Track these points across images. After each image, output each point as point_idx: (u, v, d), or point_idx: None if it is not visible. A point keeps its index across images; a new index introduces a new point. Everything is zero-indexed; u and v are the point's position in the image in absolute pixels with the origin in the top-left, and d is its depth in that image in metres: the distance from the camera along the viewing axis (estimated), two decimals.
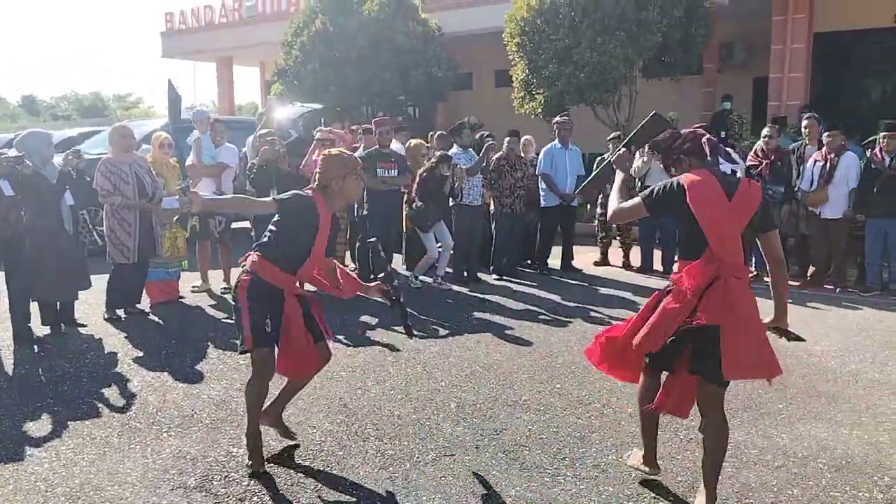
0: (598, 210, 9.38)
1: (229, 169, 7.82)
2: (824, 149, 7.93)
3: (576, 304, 7.28)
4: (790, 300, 7.54)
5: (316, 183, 3.87)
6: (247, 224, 8.48)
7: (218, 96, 23.01)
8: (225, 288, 7.77)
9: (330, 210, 3.82)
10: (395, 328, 6.47)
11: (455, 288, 8.07)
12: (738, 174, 8.51)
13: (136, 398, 4.78)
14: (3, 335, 6.02)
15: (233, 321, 6.74)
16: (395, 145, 8.24)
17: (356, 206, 8.00)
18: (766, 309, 3.36)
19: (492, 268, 8.78)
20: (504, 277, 8.60)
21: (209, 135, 7.80)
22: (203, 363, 5.51)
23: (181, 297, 7.44)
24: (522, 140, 9.47)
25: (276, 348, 3.82)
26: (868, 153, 7.93)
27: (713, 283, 3.16)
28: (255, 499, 3.51)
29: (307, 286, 4.04)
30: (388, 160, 7.77)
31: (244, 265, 3.80)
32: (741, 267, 3.24)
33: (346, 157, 3.95)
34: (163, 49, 21.73)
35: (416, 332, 6.30)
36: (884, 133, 7.59)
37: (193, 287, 7.74)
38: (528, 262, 9.33)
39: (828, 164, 7.84)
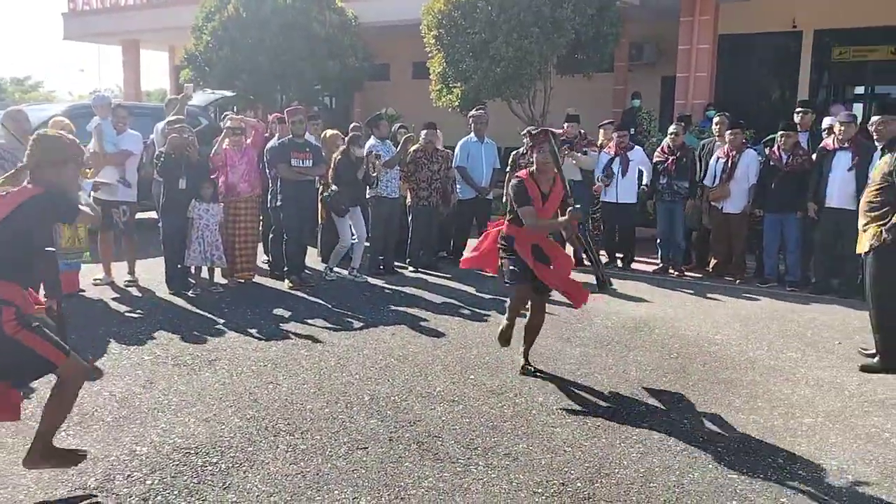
0: None
1: (133, 156, 7.51)
2: (726, 146, 8.26)
3: (491, 296, 7.35)
4: (691, 291, 7.80)
5: (24, 165, 3.35)
6: (153, 214, 8.17)
7: (124, 81, 22.07)
8: (129, 281, 7.48)
9: None
10: (309, 321, 6.39)
11: (371, 280, 8.03)
12: (644, 171, 8.87)
13: (32, 395, 4.53)
14: None
15: (138, 315, 6.52)
16: (308, 136, 8.12)
17: (269, 196, 7.84)
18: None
19: (408, 260, 8.77)
20: (420, 270, 8.60)
21: (111, 121, 7.47)
22: (104, 359, 5.28)
23: (82, 291, 7.12)
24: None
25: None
26: (767, 151, 8.30)
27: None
28: (158, 498, 3.39)
29: None
30: (303, 150, 7.64)
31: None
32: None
33: (68, 142, 3.43)
34: (65, 30, 20.69)
35: (329, 325, 6.27)
36: (781, 132, 7.96)
37: (96, 280, 7.41)
38: (444, 254, 9.37)
39: (729, 161, 8.17)
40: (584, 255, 5.19)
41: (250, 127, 8.21)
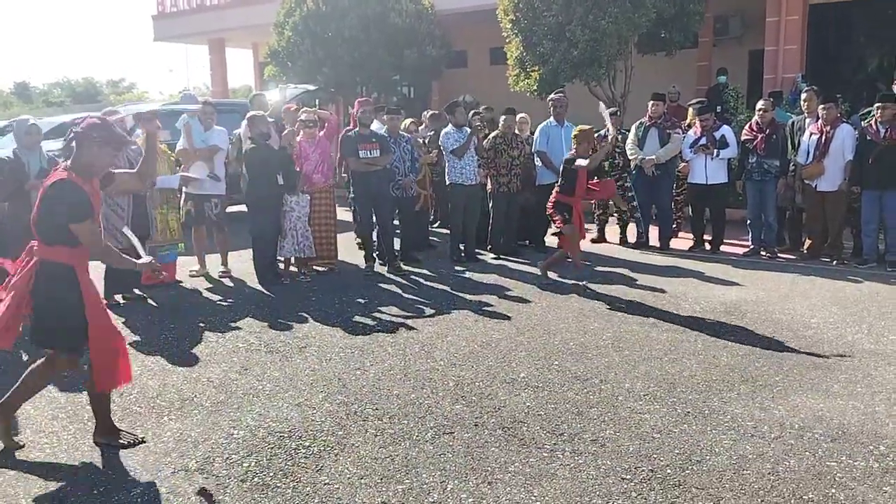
0: None
1: (221, 151, 7.79)
2: (820, 121, 7.90)
3: (573, 282, 7.28)
4: (784, 274, 7.48)
5: None
6: (243, 208, 8.46)
7: (211, 79, 22.84)
8: (223, 272, 7.78)
9: None
10: (393, 308, 6.49)
11: (457, 268, 8.08)
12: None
13: (135, 382, 4.79)
14: None
15: (231, 304, 6.76)
16: (376, 125, 8.29)
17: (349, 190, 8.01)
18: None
19: (489, 247, 8.78)
20: (502, 257, 8.60)
21: (198, 118, 7.76)
22: (201, 346, 5.52)
23: (179, 282, 7.44)
24: (518, 118, 9.41)
25: None
26: (863, 124, 7.89)
27: None
28: (255, 479, 3.53)
29: None
30: (370, 141, 7.76)
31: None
32: None
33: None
34: (155, 32, 21.56)
35: (412, 312, 6.35)
36: (878, 104, 7.56)
37: (191, 272, 7.74)
38: (526, 241, 9.32)
39: (823, 137, 7.81)
40: None
41: (324, 119, 8.37)
